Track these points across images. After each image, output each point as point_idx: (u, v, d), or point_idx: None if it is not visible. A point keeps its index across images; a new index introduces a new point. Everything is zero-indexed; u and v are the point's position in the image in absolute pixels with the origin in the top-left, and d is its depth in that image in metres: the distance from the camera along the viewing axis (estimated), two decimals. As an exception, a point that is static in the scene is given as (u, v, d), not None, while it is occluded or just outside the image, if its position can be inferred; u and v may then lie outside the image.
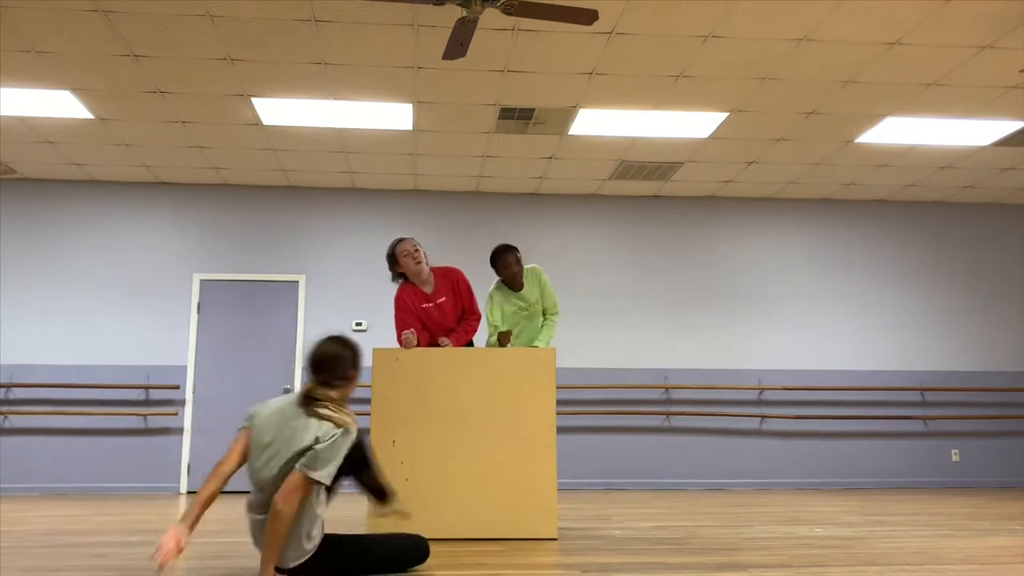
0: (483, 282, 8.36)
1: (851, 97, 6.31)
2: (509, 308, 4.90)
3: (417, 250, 4.52)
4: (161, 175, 8.09)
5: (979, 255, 8.99)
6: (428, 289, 4.60)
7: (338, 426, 2.94)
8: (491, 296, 4.93)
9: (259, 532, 2.95)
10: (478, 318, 4.75)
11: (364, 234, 8.42)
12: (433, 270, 4.64)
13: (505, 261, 4.80)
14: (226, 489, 2.96)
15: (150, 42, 5.40)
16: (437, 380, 4.29)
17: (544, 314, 5.01)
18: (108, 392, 7.85)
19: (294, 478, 2.86)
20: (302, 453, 2.89)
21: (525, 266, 4.91)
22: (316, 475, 2.87)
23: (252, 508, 2.99)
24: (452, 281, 4.65)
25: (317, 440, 2.90)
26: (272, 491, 2.88)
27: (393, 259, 4.56)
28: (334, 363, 3.05)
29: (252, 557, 3.54)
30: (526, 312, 4.90)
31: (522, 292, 4.88)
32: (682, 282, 8.64)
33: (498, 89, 6.16)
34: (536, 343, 4.91)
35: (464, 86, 6.11)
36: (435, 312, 4.59)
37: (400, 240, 4.56)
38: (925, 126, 6.85)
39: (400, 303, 4.54)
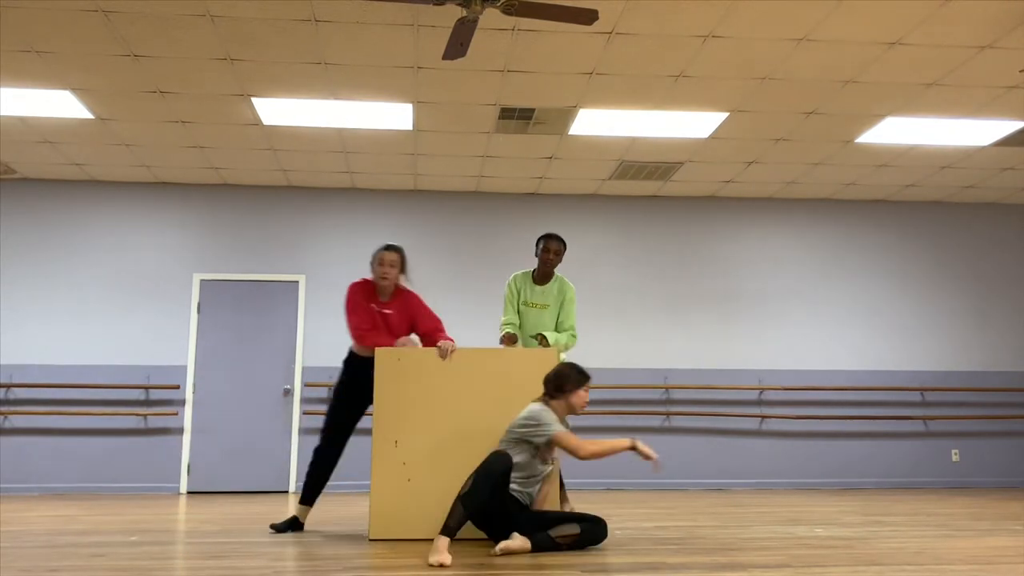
0: (489, 279, 8.39)
1: (851, 97, 6.31)
2: (523, 295, 4.97)
3: (393, 267, 4.53)
4: (161, 175, 8.09)
5: (979, 255, 8.99)
6: (382, 297, 4.62)
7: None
8: (509, 285, 5.03)
9: None
10: (439, 329, 4.67)
11: (364, 234, 8.42)
12: (398, 288, 4.66)
13: (550, 246, 4.88)
14: (224, 489, 2.96)
15: (150, 42, 5.40)
16: (439, 380, 4.30)
17: (560, 326, 5.03)
18: (108, 392, 7.86)
19: None
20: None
21: (563, 275, 5.00)
22: None
23: None
24: (407, 302, 4.65)
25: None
26: None
27: (372, 260, 4.62)
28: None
29: (253, 556, 3.54)
30: (537, 307, 4.94)
31: (543, 287, 4.92)
32: (682, 282, 8.64)
33: (498, 89, 6.16)
34: (546, 333, 4.89)
35: (464, 86, 6.11)
36: (377, 317, 4.57)
37: (386, 248, 4.57)
38: (925, 126, 6.85)
39: (352, 301, 4.55)
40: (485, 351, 4.36)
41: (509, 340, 4.77)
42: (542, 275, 4.99)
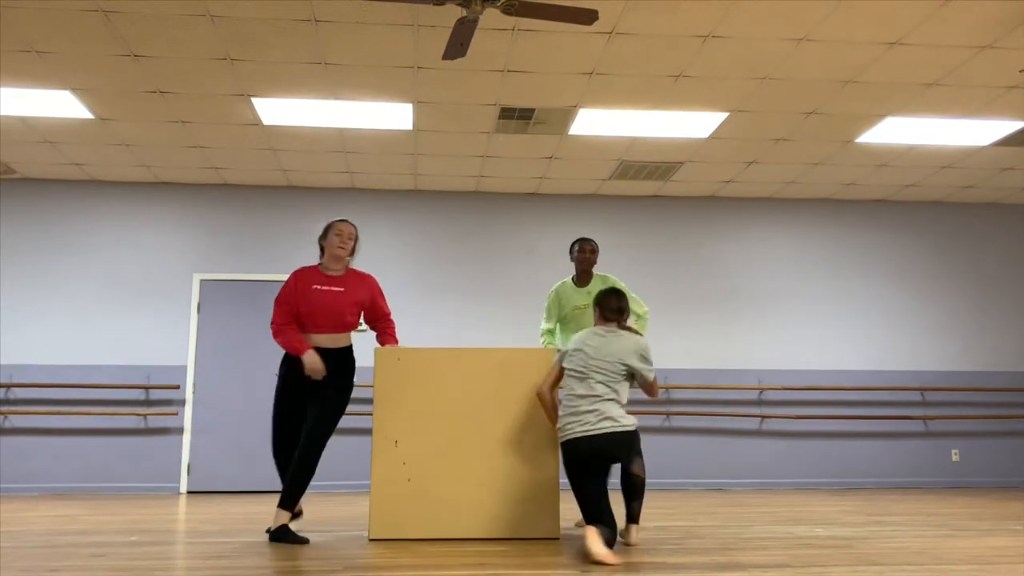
0: (489, 279, 8.38)
1: (851, 97, 6.31)
2: (568, 303, 4.99)
3: (351, 239, 4.29)
4: (161, 175, 8.09)
5: (979, 255, 8.99)
6: (331, 273, 4.29)
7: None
8: (551, 295, 5.07)
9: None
10: (388, 317, 4.47)
11: (364, 234, 8.41)
12: (349, 269, 4.39)
13: (585, 247, 4.95)
14: (224, 489, 2.96)
15: (150, 42, 5.40)
16: (439, 380, 4.29)
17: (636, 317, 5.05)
18: (108, 392, 7.85)
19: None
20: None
21: (600, 274, 5.05)
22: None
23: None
24: (363, 282, 4.35)
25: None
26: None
27: (324, 233, 4.33)
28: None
29: (253, 556, 3.54)
30: (586, 307, 4.97)
31: (587, 288, 4.99)
32: (682, 282, 8.64)
33: (498, 89, 6.16)
34: None
35: (464, 86, 6.11)
36: (325, 297, 4.20)
37: (343, 220, 4.33)
38: (925, 126, 6.85)
39: (284, 289, 4.24)
40: (485, 351, 4.35)
41: None
42: (581, 275, 5.02)
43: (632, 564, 3.35)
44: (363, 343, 8.17)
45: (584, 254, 4.96)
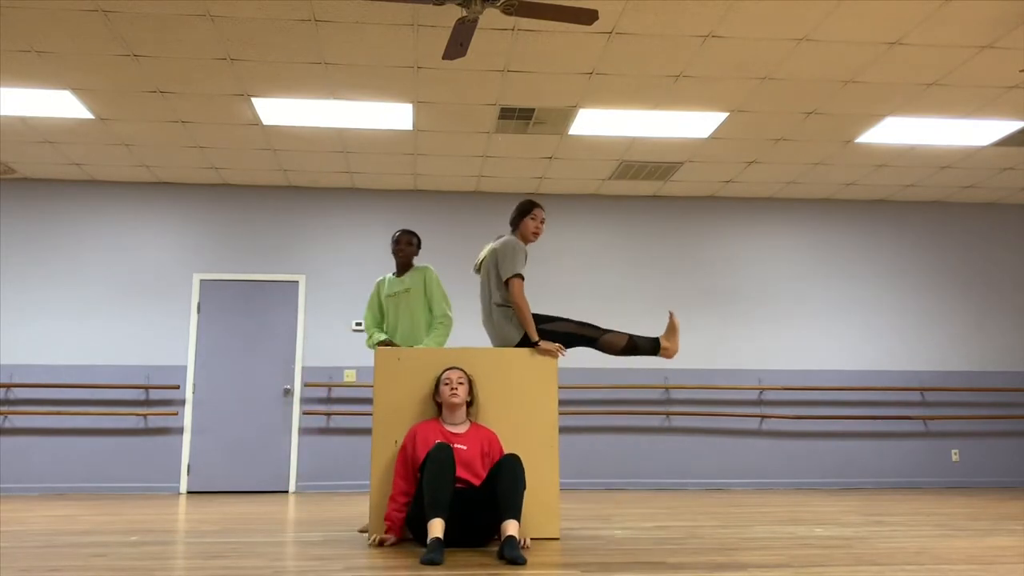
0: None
1: (851, 97, 6.31)
2: (383, 293, 4.84)
3: (462, 384, 4.03)
4: (161, 175, 8.09)
5: (979, 255, 8.99)
6: (457, 429, 3.99)
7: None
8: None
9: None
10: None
11: (364, 234, 8.42)
12: (473, 423, 4.09)
13: (400, 239, 4.80)
14: (224, 489, 2.96)
15: (150, 42, 5.41)
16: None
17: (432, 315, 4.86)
18: (108, 392, 7.86)
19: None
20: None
21: (420, 264, 4.88)
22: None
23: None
24: (486, 439, 4.00)
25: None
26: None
27: (436, 385, 4.16)
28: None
29: (253, 556, 3.54)
30: (403, 295, 4.80)
31: (403, 278, 4.83)
32: (682, 282, 8.65)
33: (498, 89, 6.16)
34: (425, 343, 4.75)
35: (464, 86, 6.11)
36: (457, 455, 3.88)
37: (450, 368, 4.13)
38: (925, 126, 6.85)
39: (410, 437, 3.97)
40: (485, 351, 4.35)
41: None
42: (401, 267, 4.90)
43: (632, 564, 3.35)
44: (362, 341, 8.17)
45: (399, 246, 4.80)
